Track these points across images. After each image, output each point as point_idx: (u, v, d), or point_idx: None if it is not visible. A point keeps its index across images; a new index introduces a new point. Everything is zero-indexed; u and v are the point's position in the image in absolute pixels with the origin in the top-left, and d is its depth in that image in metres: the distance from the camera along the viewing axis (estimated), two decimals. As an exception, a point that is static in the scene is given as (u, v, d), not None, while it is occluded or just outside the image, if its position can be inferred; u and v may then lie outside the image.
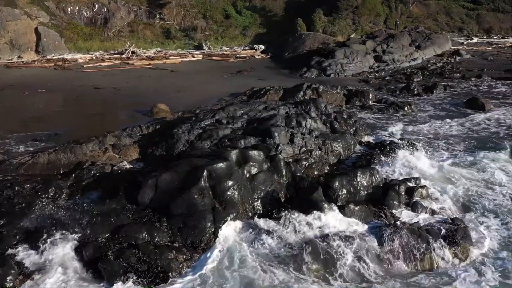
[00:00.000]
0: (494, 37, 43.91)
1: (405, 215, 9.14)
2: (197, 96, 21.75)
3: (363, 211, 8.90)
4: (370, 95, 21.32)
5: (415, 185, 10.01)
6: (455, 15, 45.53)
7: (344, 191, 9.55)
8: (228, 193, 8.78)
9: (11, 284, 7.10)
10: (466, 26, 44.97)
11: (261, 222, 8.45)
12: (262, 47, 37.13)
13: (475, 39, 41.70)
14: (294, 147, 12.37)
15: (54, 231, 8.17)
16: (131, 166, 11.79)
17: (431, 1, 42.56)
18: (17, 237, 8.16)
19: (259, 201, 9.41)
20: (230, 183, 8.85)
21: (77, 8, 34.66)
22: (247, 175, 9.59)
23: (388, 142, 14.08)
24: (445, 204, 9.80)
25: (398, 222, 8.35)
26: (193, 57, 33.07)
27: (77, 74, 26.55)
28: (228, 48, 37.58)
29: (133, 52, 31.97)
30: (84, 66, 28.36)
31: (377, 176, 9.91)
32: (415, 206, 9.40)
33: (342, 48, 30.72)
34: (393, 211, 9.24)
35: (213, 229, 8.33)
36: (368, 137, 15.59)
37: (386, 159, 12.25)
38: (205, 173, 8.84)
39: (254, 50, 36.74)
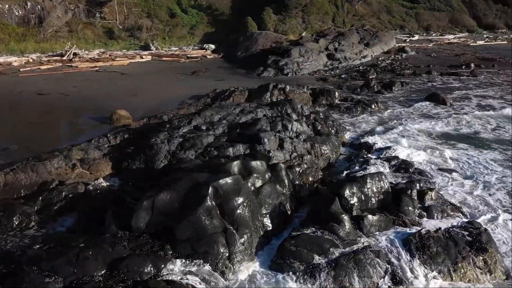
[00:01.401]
0: (433, 34, 46.14)
1: (424, 221, 8.67)
2: (156, 99, 20.26)
3: (382, 221, 8.30)
4: (336, 94, 21.09)
5: (424, 188, 9.62)
6: (396, 13, 47.32)
7: (355, 199, 8.90)
8: (239, 211, 7.76)
9: None
10: (407, 24, 46.87)
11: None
12: (213, 46, 35.96)
13: (416, 37, 43.47)
14: (284, 152, 11.57)
15: (32, 277, 6.56)
16: (107, 183, 10.34)
17: (373, 0, 43.76)
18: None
19: (268, 217, 8.50)
20: (240, 200, 7.84)
21: (6, 6, 31.32)
22: (252, 188, 8.63)
23: (372, 143, 13.76)
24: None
25: (422, 231, 7.82)
26: (142, 58, 31.16)
27: (14, 79, 23.76)
28: (177, 48, 35.97)
29: (75, 54, 29.41)
30: (21, 70, 25.54)
31: (386, 181, 9.38)
32: (430, 211, 8.99)
33: (297, 46, 30.43)
34: (410, 217, 8.73)
35: (227, 254, 7.30)
36: (347, 137, 15.20)
37: (381, 162, 11.83)
38: (210, 190, 7.75)
39: (205, 50, 35.49)
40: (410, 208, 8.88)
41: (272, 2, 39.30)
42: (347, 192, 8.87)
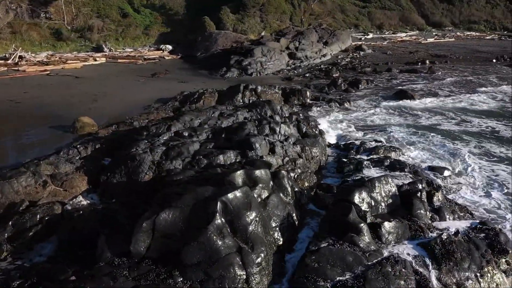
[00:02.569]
0: (386, 33, 47.33)
1: (438, 224, 8.32)
2: (120, 104, 18.94)
3: (398, 227, 7.84)
4: (308, 93, 20.77)
5: (430, 189, 9.31)
6: (350, 12, 48.08)
7: (366, 205, 8.41)
8: (252, 227, 7.00)
9: None
10: (360, 23, 47.75)
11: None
12: (170, 47, 34.62)
13: (370, 35, 44.36)
14: (276, 157, 10.91)
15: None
16: (87, 201, 9.17)
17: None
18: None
19: (278, 231, 7.80)
20: (252, 214, 7.08)
21: None
22: (259, 200, 7.89)
23: (359, 143, 13.45)
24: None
25: (444, 236, 7.45)
26: (95, 60, 29.28)
27: (-47, 86, 21.40)
28: (132, 49, 34.26)
29: (21, 57, 27.08)
30: (-40, 75, 23.09)
31: (392, 184, 8.97)
32: (441, 213, 8.67)
33: (259, 46, 29.89)
34: (424, 221, 8.35)
35: (245, 276, 6.52)
36: (330, 138, 14.82)
37: (374, 162, 11.48)
38: (219, 205, 6.93)
39: (162, 51, 34.08)
40: (422, 211, 8.51)
41: (229, 1, 38.50)
42: (357, 198, 8.36)
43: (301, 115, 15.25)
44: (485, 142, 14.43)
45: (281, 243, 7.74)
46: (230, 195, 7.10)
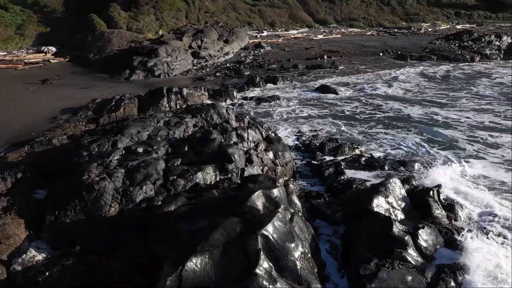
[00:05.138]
0: (279, 30, 48.13)
1: (461, 224, 7.88)
2: (16, 118, 15.61)
3: (431, 233, 7.17)
4: (235, 93, 19.62)
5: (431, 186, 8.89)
6: (241, 10, 47.77)
7: (384, 212, 7.60)
8: (301, 264, 5.61)
9: None
10: (253, 20, 47.79)
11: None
12: (54, 49, 30.17)
13: (265, 33, 44.62)
14: (256, 168, 9.54)
15: None
16: (42, 254, 6.70)
17: (218, -3, 43.26)
18: None
19: (312, 259, 6.50)
20: (298, 247, 5.69)
21: None
22: (285, 224, 6.49)
23: (319, 142, 12.77)
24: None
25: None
26: (-41, 67, 24.02)
27: None
28: (6, 52, 29.04)
29: None
30: None
31: (400, 185, 8.32)
32: (454, 211, 8.26)
33: (162, 45, 27.61)
34: (445, 222, 7.84)
35: (311, 329, 5.16)
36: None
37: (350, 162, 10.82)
38: (260, 241, 5.41)
39: (44, 53, 29.52)
40: (438, 211, 8.01)
41: (116, -3, 35.09)
42: (375, 206, 7.49)
43: (247, 117, 13.97)
44: (422, 128, 15.08)
45: (316, 271, 6.48)
46: (269, 227, 5.62)
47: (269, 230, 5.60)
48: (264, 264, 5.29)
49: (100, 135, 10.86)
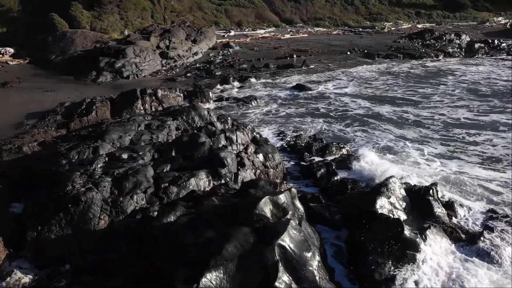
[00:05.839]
0: (246, 30, 47.74)
1: (463, 223, 7.83)
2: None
3: (437, 233, 7.05)
4: (210, 94, 19.14)
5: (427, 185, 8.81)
6: (207, 10, 47.05)
7: (387, 213, 7.42)
8: (319, 274, 5.30)
9: None
10: (220, 20, 47.17)
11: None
12: (11, 50, 28.52)
13: (232, 32, 44.12)
14: (248, 171, 9.18)
15: None
16: (28, 276, 6.04)
17: (184, -4, 42.31)
18: None
19: (323, 266, 6.20)
20: (315, 256, 5.38)
21: None
22: (294, 231, 6.16)
23: (304, 143, 12.57)
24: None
25: (489, 235, 6.94)
26: None
27: None
28: (-43, 54, 27.20)
29: None
30: None
31: (399, 184, 8.18)
32: (453, 208, 8.21)
33: (130, 46, 26.69)
34: (446, 220, 7.75)
35: None
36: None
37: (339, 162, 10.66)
38: (277, 252, 5.06)
39: (1, 55, 27.84)
40: (439, 210, 7.93)
41: (77, -4, 33.57)
42: (379, 207, 7.31)
43: (229, 118, 13.55)
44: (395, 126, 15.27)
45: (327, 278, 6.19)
46: (285, 236, 5.27)
47: (286, 240, 5.26)
48: (284, 277, 4.95)
49: (78, 141, 10.12)
